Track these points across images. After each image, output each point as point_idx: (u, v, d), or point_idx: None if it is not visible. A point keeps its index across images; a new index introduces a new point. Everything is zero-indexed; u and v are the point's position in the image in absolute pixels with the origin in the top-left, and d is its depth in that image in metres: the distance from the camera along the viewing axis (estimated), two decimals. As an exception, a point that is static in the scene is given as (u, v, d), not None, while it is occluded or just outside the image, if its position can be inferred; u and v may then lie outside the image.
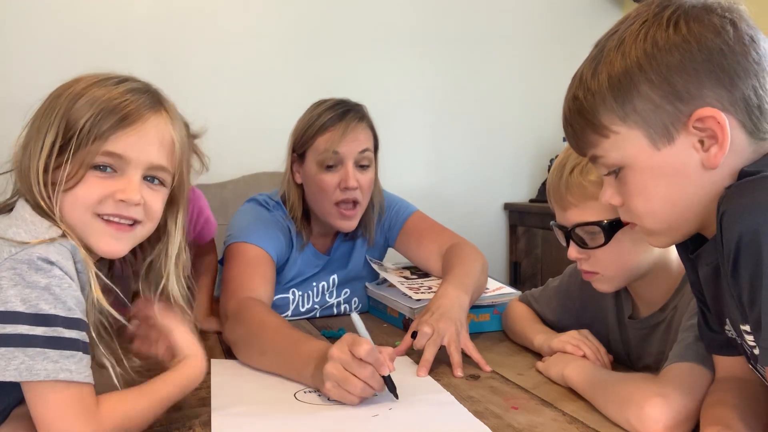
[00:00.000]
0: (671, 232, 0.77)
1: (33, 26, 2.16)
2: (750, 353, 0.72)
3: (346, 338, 0.94)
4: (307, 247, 1.48)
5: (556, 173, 1.03)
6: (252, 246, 1.35)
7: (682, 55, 0.68)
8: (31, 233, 0.74)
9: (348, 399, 0.91)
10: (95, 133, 0.79)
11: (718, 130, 0.68)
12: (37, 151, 0.79)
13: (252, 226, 1.39)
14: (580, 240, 1.01)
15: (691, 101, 0.69)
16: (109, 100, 0.81)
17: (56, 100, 0.81)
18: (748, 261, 0.62)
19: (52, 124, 0.79)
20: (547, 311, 1.25)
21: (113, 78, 0.84)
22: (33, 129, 0.81)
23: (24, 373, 0.69)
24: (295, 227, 1.45)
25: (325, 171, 1.38)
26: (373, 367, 0.91)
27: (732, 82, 0.68)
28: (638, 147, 0.72)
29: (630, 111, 0.71)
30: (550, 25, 2.86)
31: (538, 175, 2.86)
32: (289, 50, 2.48)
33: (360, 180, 1.38)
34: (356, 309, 1.57)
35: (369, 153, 1.40)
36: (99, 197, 0.80)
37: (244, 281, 1.28)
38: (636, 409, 0.80)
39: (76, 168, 0.79)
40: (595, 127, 0.74)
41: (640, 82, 0.70)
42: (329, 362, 0.92)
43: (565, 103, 0.78)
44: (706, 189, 0.71)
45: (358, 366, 0.90)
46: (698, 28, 0.69)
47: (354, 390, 0.90)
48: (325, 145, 1.37)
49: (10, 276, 0.71)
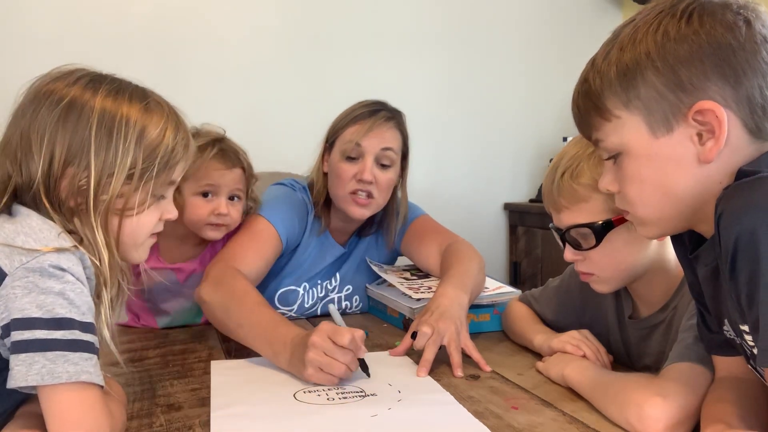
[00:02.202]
0: (661, 223, 0.77)
1: (33, 25, 2.16)
2: (749, 353, 0.72)
3: (325, 327, 1.00)
4: (324, 235, 1.50)
5: (548, 177, 1.04)
6: (263, 219, 1.38)
7: (690, 47, 0.69)
8: (40, 241, 0.75)
9: (330, 381, 0.99)
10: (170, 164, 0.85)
11: (716, 125, 0.68)
12: (98, 169, 0.80)
13: (271, 203, 1.43)
14: (574, 242, 1.02)
15: (694, 93, 0.69)
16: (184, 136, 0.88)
17: (121, 122, 0.81)
18: (746, 262, 0.62)
19: (126, 149, 0.81)
20: (547, 311, 1.25)
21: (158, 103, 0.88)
22: (72, 140, 0.80)
23: (46, 377, 0.70)
24: (314, 212, 1.48)
25: (345, 161, 1.41)
26: (353, 353, 0.99)
27: (738, 79, 0.68)
28: (637, 133, 0.73)
29: (633, 97, 0.72)
30: (551, 26, 2.87)
31: (538, 175, 2.86)
32: (289, 50, 2.48)
33: (378, 176, 1.40)
34: (357, 308, 1.57)
35: (391, 153, 1.42)
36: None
37: (238, 251, 1.31)
38: (636, 409, 0.80)
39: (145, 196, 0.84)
40: (599, 110, 0.75)
41: (646, 69, 0.71)
42: (311, 350, 0.98)
43: (576, 84, 0.79)
44: (699, 183, 0.71)
45: (341, 353, 0.98)
46: (711, 22, 0.69)
47: (338, 373, 0.98)
48: (350, 136, 1.41)
49: (24, 284, 0.72)
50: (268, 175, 2.20)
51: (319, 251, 1.50)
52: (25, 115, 0.81)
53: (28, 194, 0.80)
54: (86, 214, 0.80)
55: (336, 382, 1.00)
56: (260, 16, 2.44)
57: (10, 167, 0.80)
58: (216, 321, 1.20)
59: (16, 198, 0.81)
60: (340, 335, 0.98)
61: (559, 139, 2.72)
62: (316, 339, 0.98)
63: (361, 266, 1.57)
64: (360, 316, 1.55)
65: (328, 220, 1.51)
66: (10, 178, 0.80)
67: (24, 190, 0.80)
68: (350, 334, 0.98)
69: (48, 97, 0.81)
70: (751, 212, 0.62)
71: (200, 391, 0.99)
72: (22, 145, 0.80)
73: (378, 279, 1.57)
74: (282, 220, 1.40)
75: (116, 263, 0.82)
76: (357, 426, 0.86)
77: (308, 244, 1.48)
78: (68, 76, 0.83)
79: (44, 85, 0.82)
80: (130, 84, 0.86)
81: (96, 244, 0.79)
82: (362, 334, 1.01)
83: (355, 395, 0.96)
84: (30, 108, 0.81)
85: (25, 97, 0.83)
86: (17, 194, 0.80)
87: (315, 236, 1.49)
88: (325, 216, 1.50)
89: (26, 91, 0.83)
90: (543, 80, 2.82)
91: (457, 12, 2.72)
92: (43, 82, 0.83)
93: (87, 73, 0.85)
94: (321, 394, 0.96)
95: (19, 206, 0.80)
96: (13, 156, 0.80)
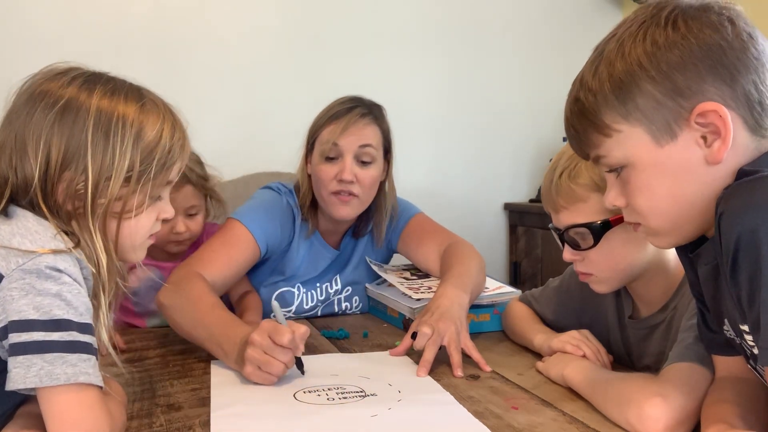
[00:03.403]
0: (675, 232, 0.76)
1: (33, 25, 2.16)
2: (749, 353, 0.72)
3: (265, 326, 1.00)
4: (315, 237, 1.49)
5: (547, 177, 1.04)
6: (239, 225, 1.37)
7: (681, 52, 0.69)
8: (36, 243, 0.74)
9: (267, 380, 0.99)
10: (167, 165, 0.84)
11: (721, 124, 0.68)
12: (90, 170, 0.78)
13: (251, 209, 1.42)
14: (572, 242, 1.02)
15: (693, 97, 0.69)
16: (181, 135, 0.87)
17: (117, 124, 0.80)
18: (747, 261, 0.62)
19: (123, 152, 0.80)
20: (547, 311, 1.25)
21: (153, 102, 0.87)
22: (69, 142, 0.79)
23: (44, 378, 0.70)
24: (301, 215, 1.47)
25: (325, 162, 1.40)
26: (292, 351, 0.99)
27: (732, 77, 0.68)
28: (641, 144, 0.72)
29: (632, 108, 0.71)
30: (550, 26, 2.86)
31: (538, 175, 2.85)
32: (290, 49, 2.48)
33: (359, 175, 1.39)
34: (357, 308, 1.57)
35: (371, 149, 1.41)
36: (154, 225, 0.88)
37: (206, 257, 1.31)
38: (636, 409, 0.80)
39: (143, 198, 0.83)
40: (598, 127, 0.75)
41: (641, 79, 0.70)
42: (250, 347, 0.99)
43: (567, 106, 0.79)
44: (709, 186, 0.71)
45: (281, 351, 0.98)
46: (697, 25, 0.69)
47: (276, 372, 0.99)
48: (327, 136, 1.40)
49: (21, 286, 0.72)
50: (268, 175, 2.20)
51: (309, 254, 1.49)
52: (20, 117, 0.79)
53: (26, 198, 0.79)
54: (84, 218, 0.79)
55: (273, 381, 1.00)
56: (260, 16, 2.44)
57: (6, 170, 0.79)
58: (174, 324, 1.20)
59: (13, 201, 0.80)
60: (280, 334, 0.97)
61: (559, 139, 2.72)
62: (255, 337, 0.99)
63: (360, 267, 1.57)
64: (360, 316, 1.55)
65: (316, 221, 1.50)
66: (7, 182, 0.79)
67: (21, 194, 0.79)
68: (290, 333, 0.98)
69: (43, 98, 0.79)
70: (752, 212, 0.62)
71: (200, 391, 0.99)
72: (18, 148, 0.79)
73: (378, 279, 1.57)
74: (260, 226, 1.39)
75: (115, 267, 0.82)
76: (357, 426, 0.86)
77: (298, 247, 1.48)
78: (63, 76, 0.82)
79: (38, 85, 0.81)
80: (125, 83, 0.85)
81: (94, 249, 0.79)
82: (304, 331, 1.01)
83: (355, 395, 0.96)
84: (24, 110, 0.79)
85: (18, 98, 0.81)
86: (14, 197, 0.79)
87: (304, 239, 1.48)
88: (313, 218, 1.49)
89: (19, 92, 0.82)
90: (543, 80, 2.81)
91: (457, 12, 2.72)
92: (36, 82, 0.82)
93: (82, 72, 0.83)
94: (321, 394, 0.96)
95: (14, 207, 0.79)
96: (8, 159, 0.79)
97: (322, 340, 1.30)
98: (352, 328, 1.38)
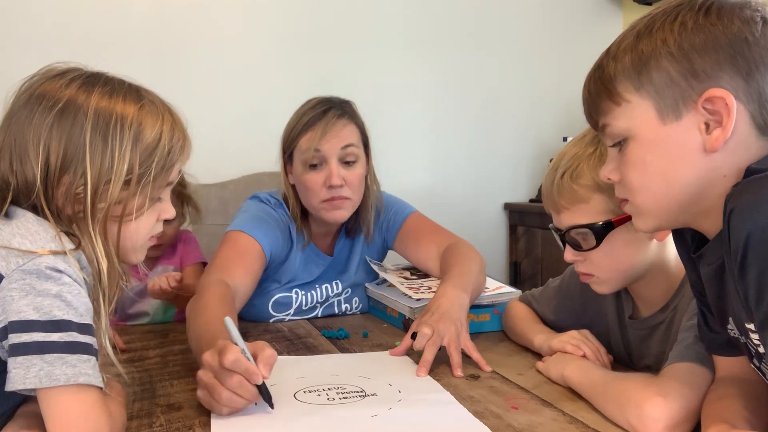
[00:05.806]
0: (659, 214, 0.77)
1: (33, 25, 2.16)
2: (754, 352, 0.72)
3: (219, 343, 0.87)
4: (309, 247, 1.49)
5: (548, 177, 1.04)
6: (246, 236, 1.37)
7: (706, 36, 0.70)
8: (36, 243, 0.74)
9: (216, 409, 0.85)
10: (167, 167, 0.84)
11: (725, 113, 0.69)
12: (93, 172, 0.78)
13: (252, 219, 1.41)
14: (574, 242, 1.02)
15: (706, 81, 0.69)
16: (181, 134, 0.87)
17: (116, 125, 0.80)
18: (756, 259, 0.62)
19: (122, 154, 0.79)
20: (547, 311, 1.25)
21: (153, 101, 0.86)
22: (69, 143, 0.78)
23: (44, 379, 0.70)
24: (295, 226, 1.46)
25: (309, 170, 1.39)
26: (242, 377, 0.84)
27: (750, 72, 0.69)
28: (645, 118, 0.73)
29: (645, 81, 0.72)
30: (551, 26, 2.87)
31: (538, 175, 2.85)
32: (289, 49, 2.48)
33: (346, 177, 1.39)
34: (356, 308, 1.57)
35: (353, 148, 1.40)
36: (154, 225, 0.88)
37: (226, 265, 1.30)
38: (636, 409, 0.80)
39: (144, 200, 0.83)
40: (610, 94, 0.76)
41: (660, 54, 0.71)
42: (201, 368, 0.87)
43: (590, 71, 0.80)
44: (702, 174, 0.71)
45: (225, 375, 0.83)
46: (729, 16, 0.70)
47: (219, 399, 0.83)
48: (307, 144, 1.38)
49: (20, 287, 0.71)
50: (268, 175, 2.20)
51: (304, 262, 1.49)
52: (20, 119, 0.79)
53: (28, 202, 0.78)
54: (84, 222, 0.79)
55: (223, 412, 0.84)
56: (260, 16, 2.44)
57: (7, 174, 0.78)
58: (187, 329, 1.15)
59: (14, 203, 0.79)
60: (224, 353, 0.83)
61: (559, 139, 2.72)
62: (206, 356, 0.86)
63: (359, 267, 1.56)
64: (360, 316, 1.55)
65: (309, 230, 1.49)
66: (8, 185, 0.78)
67: (23, 197, 0.78)
68: (235, 352, 0.83)
69: (42, 100, 0.79)
70: (762, 209, 0.62)
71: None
72: (18, 151, 0.78)
73: (377, 279, 1.57)
74: (265, 235, 1.38)
75: (116, 271, 0.82)
76: (357, 426, 0.86)
77: (295, 257, 1.47)
78: (62, 77, 0.81)
79: (37, 86, 0.80)
80: (124, 83, 0.85)
81: (95, 253, 0.78)
82: (269, 355, 0.86)
83: (355, 395, 0.96)
84: (24, 112, 0.79)
85: (17, 100, 0.81)
86: (15, 200, 0.79)
87: (300, 251, 1.48)
88: (306, 227, 1.48)
89: (18, 93, 0.81)
90: (543, 80, 2.82)
91: (458, 12, 2.72)
92: (35, 83, 0.81)
93: (81, 73, 0.83)
94: (321, 394, 0.96)
95: (15, 208, 0.79)
96: (8, 162, 0.78)
97: (322, 340, 1.30)
98: (352, 328, 1.38)
